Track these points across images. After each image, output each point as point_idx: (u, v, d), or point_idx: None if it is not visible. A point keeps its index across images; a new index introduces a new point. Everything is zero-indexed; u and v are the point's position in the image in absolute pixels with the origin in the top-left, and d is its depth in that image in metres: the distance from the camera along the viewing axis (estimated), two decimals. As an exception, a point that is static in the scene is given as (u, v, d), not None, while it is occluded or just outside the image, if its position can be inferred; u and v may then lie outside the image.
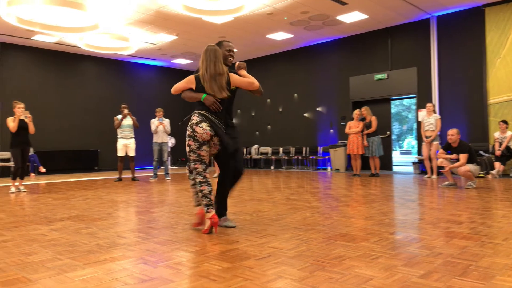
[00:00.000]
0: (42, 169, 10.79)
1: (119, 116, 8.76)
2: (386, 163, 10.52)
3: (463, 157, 6.19)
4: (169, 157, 12.23)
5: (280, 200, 5.24)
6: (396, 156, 24.42)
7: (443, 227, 3.39)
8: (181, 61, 13.89)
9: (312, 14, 9.35)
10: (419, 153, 9.72)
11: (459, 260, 2.41)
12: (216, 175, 9.29)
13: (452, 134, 6.34)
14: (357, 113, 9.27)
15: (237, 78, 3.44)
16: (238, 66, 3.57)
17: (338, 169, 10.88)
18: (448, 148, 6.52)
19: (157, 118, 9.05)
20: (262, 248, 2.79)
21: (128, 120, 8.79)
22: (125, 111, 8.72)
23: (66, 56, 12.43)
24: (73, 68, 12.64)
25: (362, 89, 10.99)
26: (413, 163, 10.07)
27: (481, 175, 8.17)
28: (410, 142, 37.20)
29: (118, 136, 8.81)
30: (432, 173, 8.34)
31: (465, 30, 9.27)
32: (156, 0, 8.35)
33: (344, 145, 10.59)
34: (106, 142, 12.54)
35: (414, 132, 29.72)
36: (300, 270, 2.28)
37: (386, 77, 10.47)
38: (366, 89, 10.89)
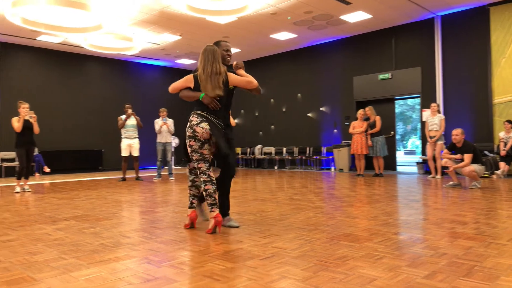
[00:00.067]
0: (47, 169, 10.86)
1: (123, 116, 8.78)
2: (390, 163, 10.48)
3: (467, 157, 6.16)
4: (173, 157, 12.26)
5: (283, 200, 5.24)
6: (400, 156, 24.34)
7: (448, 227, 3.38)
8: (185, 61, 13.91)
9: (315, 14, 9.33)
10: (423, 153, 9.68)
11: (464, 261, 2.40)
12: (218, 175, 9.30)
13: (457, 134, 6.31)
14: (361, 113, 9.25)
15: (235, 77, 3.46)
16: (236, 65, 3.58)
17: (342, 169, 10.86)
18: (452, 148, 6.49)
19: (160, 118, 9.07)
20: (265, 248, 2.79)
21: (132, 120, 8.81)
22: (129, 111, 8.74)
23: (70, 56, 12.48)
24: (78, 68, 12.69)
25: (366, 89, 10.96)
26: (417, 163, 10.04)
27: (486, 175, 8.13)
28: (414, 142, 37.08)
29: (122, 136, 8.83)
30: (436, 173, 8.31)
31: (470, 29, 9.23)
32: (160, 0, 8.37)
33: (348, 145, 10.57)
34: (110, 142, 12.58)
35: (418, 132, 29.64)
36: (304, 270, 2.28)
37: (390, 77, 10.44)
38: (370, 89, 10.86)
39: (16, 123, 6.65)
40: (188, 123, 3.37)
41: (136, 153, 8.84)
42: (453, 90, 9.48)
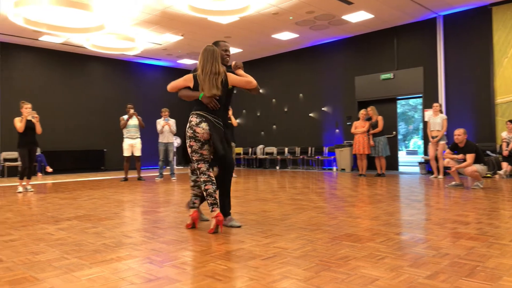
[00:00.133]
0: (49, 169, 10.88)
1: (125, 116, 8.80)
2: (392, 163, 10.47)
3: (470, 157, 6.15)
4: (175, 157, 12.26)
5: (285, 200, 5.24)
6: (402, 156, 24.30)
7: (450, 227, 3.37)
8: (187, 61, 13.92)
9: (317, 14, 9.33)
10: (425, 153, 9.67)
11: (466, 261, 2.40)
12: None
13: (459, 134, 6.30)
14: (363, 113, 9.24)
15: (235, 77, 3.48)
16: (235, 65, 3.61)
17: (344, 169, 10.85)
18: (455, 148, 6.48)
19: (162, 118, 9.08)
20: (267, 248, 2.79)
21: (134, 120, 8.83)
22: (131, 111, 8.76)
23: (72, 56, 12.51)
24: (80, 69, 12.71)
25: (368, 89, 10.95)
26: (419, 163, 10.02)
27: (488, 175, 8.11)
28: (416, 142, 37.02)
29: (124, 136, 8.85)
30: (438, 173, 8.29)
31: (472, 29, 9.21)
32: (162, 1, 8.38)
33: (350, 145, 10.55)
34: (112, 142, 12.60)
35: (420, 132, 29.56)
36: (305, 270, 2.28)
37: (392, 77, 10.42)
38: (372, 89, 10.85)
39: (19, 123, 6.67)
40: (188, 124, 3.39)
41: (138, 153, 8.85)
42: (455, 90, 9.46)
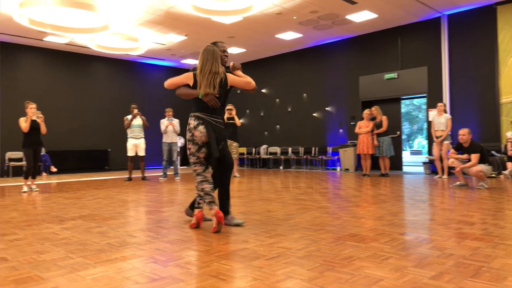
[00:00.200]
0: (54, 169, 10.94)
1: (129, 116, 8.82)
2: (396, 163, 10.44)
3: (474, 157, 6.12)
4: (179, 157, 12.28)
5: (289, 200, 5.24)
6: (406, 156, 24.24)
7: (455, 228, 3.36)
8: (190, 61, 13.94)
9: (321, 13, 9.31)
10: (430, 153, 9.63)
11: (471, 261, 2.38)
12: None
13: (464, 134, 6.27)
14: (367, 113, 9.22)
15: (234, 78, 3.55)
16: (234, 66, 3.67)
17: (348, 169, 10.83)
18: (459, 148, 6.45)
19: (166, 118, 9.10)
20: (271, 248, 2.79)
21: (138, 120, 8.85)
22: (135, 111, 8.78)
23: (77, 56, 12.56)
24: (84, 69, 12.76)
25: (372, 88, 10.92)
26: (424, 163, 9.98)
27: (493, 175, 8.07)
28: (420, 142, 36.89)
29: (128, 136, 8.87)
30: (443, 174, 8.25)
31: (477, 28, 9.16)
32: (166, 1, 8.39)
33: (354, 145, 10.53)
34: (116, 142, 12.64)
35: (425, 132, 29.45)
36: (309, 270, 2.28)
37: (396, 77, 10.39)
38: (376, 89, 10.82)
39: (24, 123, 6.70)
40: (187, 126, 3.48)
41: (142, 153, 8.87)
42: (459, 89, 9.42)
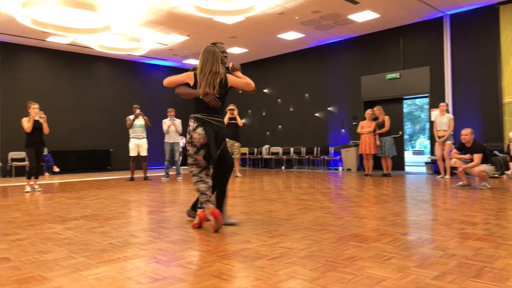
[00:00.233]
0: (56, 169, 10.96)
1: (131, 116, 8.83)
2: (398, 163, 10.42)
3: (477, 157, 6.10)
4: (181, 157, 12.30)
5: (291, 200, 5.24)
6: (408, 156, 24.18)
7: (457, 228, 3.35)
8: (192, 62, 13.95)
9: (323, 13, 9.31)
10: (432, 153, 9.61)
11: (474, 262, 2.38)
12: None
13: (466, 134, 6.26)
14: (369, 113, 9.21)
15: (234, 79, 3.59)
16: (233, 67, 3.71)
17: (350, 169, 10.82)
18: (462, 148, 6.43)
19: (168, 118, 9.11)
20: (273, 248, 2.79)
21: (140, 120, 8.86)
22: (137, 111, 8.79)
23: (79, 57, 12.58)
24: (86, 69, 12.79)
25: (374, 88, 10.91)
26: (426, 163, 9.96)
27: (496, 175, 8.05)
28: (422, 142, 36.81)
29: (130, 136, 8.88)
30: (445, 174, 8.24)
31: (479, 28, 9.14)
32: (168, 1, 8.40)
33: (356, 145, 10.52)
34: (119, 142, 12.66)
35: (427, 132, 29.38)
36: (311, 270, 2.28)
37: (398, 77, 10.37)
38: (378, 89, 10.80)
39: (26, 124, 6.72)
40: (188, 128, 3.52)
41: (144, 153, 8.88)
42: (462, 89, 9.40)
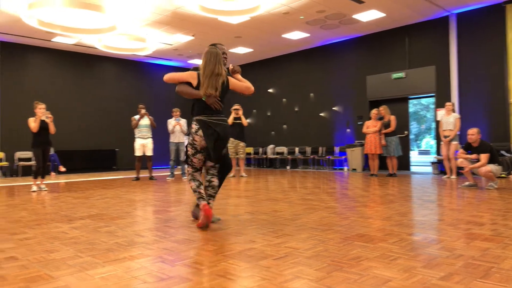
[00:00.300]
0: (62, 168, 11.02)
1: (137, 116, 8.86)
2: (404, 163, 10.37)
3: (484, 157, 6.06)
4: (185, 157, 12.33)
5: (296, 200, 5.23)
6: (414, 156, 24.05)
7: (464, 228, 3.33)
8: (198, 62, 13.98)
9: (328, 13, 9.29)
10: (438, 153, 9.56)
11: (481, 262, 2.36)
12: (231, 175, 9.32)
13: (473, 133, 6.22)
14: (375, 113, 9.17)
15: (235, 82, 3.66)
16: (233, 70, 3.75)
17: (355, 169, 10.79)
18: (468, 148, 6.39)
19: (174, 118, 9.13)
20: (279, 248, 2.79)
21: (146, 120, 8.89)
22: (142, 111, 8.82)
23: (84, 57, 12.65)
24: (92, 69, 12.85)
25: (379, 88, 10.86)
26: (432, 163, 9.91)
27: (503, 175, 7.99)
28: (428, 141, 36.62)
29: (135, 136, 8.92)
30: (451, 174, 8.19)
31: (485, 27, 9.08)
32: (173, 1, 8.42)
33: (361, 145, 10.49)
34: (124, 142, 12.71)
35: (433, 131, 29.22)
36: (317, 270, 2.27)
37: (404, 76, 10.33)
38: (384, 88, 10.76)
39: (33, 124, 6.76)
40: (190, 130, 3.58)
41: (149, 152, 8.91)
42: (468, 89, 9.34)
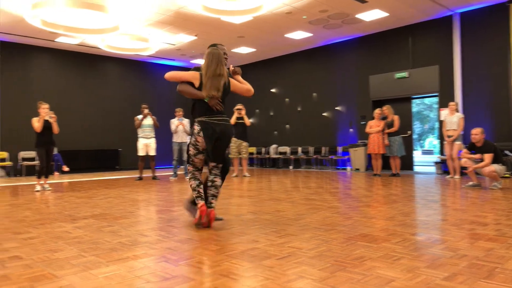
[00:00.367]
0: (66, 168, 11.06)
1: (140, 116, 8.88)
2: (407, 163, 10.35)
3: (488, 157, 6.04)
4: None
5: (299, 200, 5.23)
6: (417, 155, 23.99)
7: (467, 228, 3.32)
8: (200, 61, 13.98)
9: (331, 12, 9.27)
10: (442, 152, 9.53)
11: (484, 263, 2.35)
12: (234, 174, 9.33)
13: (476, 133, 6.20)
14: (378, 112, 9.15)
15: (236, 83, 3.69)
16: (234, 71, 3.76)
17: (358, 169, 10.77)
18: (472, 147, 6.37)
19: (176, 118, 9.14)
20: (282, 247, 2.79)
21: (149, 120, 8.91)
22: (145, 111, 8.84)
23: (88, 57, 12.68)
24: (95, 69, 12.89)
25: (382, 88, 10.84)
26: (436, 163, 9.88)
27: (507, 175, 7.95)
28: (431, 141, 36.52)
29: (138, 136, 8.93)
30: (455, 174, 8.16)
31: (489, 26, 9.04)
32: (176, 1, 8.43)
33: (364, 145, 10.47)
34: (127, 142, 12.73)
35: (436, 131, 29.16)
36: (320, 270, 2.27)
37: (407, 76, 10.30)
38: (387, 88, 10.73)
39: (36, 123, 6.79)
40: (193, 130, 3.60)
41: (152, 152, 8.93)
42: (472, 88, 9.30)
